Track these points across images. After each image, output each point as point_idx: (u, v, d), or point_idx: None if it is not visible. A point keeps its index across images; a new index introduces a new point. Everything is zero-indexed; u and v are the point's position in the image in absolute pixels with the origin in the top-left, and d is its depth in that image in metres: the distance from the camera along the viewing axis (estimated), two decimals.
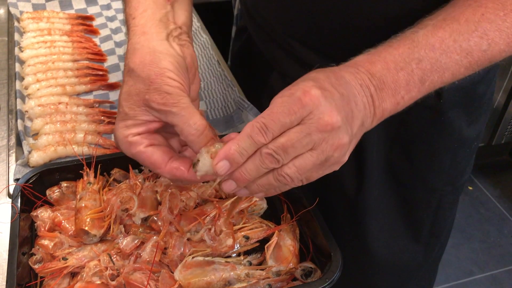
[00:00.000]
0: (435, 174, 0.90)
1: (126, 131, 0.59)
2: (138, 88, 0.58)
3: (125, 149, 0.60)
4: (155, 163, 0.58)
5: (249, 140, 0.52)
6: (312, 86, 0.52)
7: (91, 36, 1.20)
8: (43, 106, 0.94)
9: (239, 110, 0.99)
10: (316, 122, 0.51)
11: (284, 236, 0.71)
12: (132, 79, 0.59)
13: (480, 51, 0.58)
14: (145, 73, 0.58)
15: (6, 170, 0.84)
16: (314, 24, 0.78)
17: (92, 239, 0.69)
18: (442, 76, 0.59)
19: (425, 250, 0.99)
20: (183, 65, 0.61)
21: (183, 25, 0.68)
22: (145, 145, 0.59)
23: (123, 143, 0.60)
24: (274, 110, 0.51)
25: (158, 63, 0.59)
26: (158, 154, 0.59)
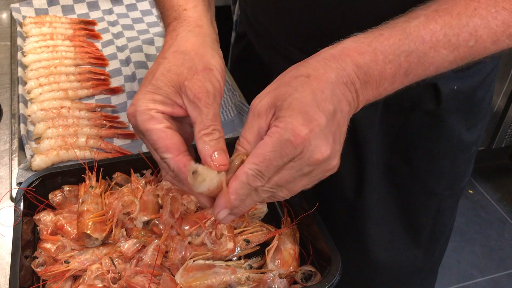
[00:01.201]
0: (434, 178, 0.90)
1: (152, 104, 0.56)
2: (181, 70, 0.57)
3: (141, 121, 0.56)
4: (169, 147, 0.55)
5: (247, 187, 0.52)
6: (300, 124, 0.50)
7: (93, 41, 1.21)
8: (46, 111, 0.95)
9: (239, 114, 1.00)
10: (307, 160, 0.51)
11: (285, 240, 0.71)
12: (178, 60, 0.57)
13: (466, 46, 0.58)
14: (194, 62, 0.57)
15: (9, 174, 0.85)
16: (312, 31, 0.79)
17: (94, 243, 0.69)
18: (426, 70, 0.58)
19: (425, 254, 1.00)
20: (224, 71, 0.61)
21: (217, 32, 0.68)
22: (164, 126, 0.56)
23: (143, 114, 0.56)
24: (266, 156, 0.51)
25: (210, 58, 0.58)
26: (175, 139, 0.56)
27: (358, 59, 0.55)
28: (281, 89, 0.53)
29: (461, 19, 0.57)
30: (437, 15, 0.57)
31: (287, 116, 0.51)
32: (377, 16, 0.71)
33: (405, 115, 0.83)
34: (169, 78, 0.57)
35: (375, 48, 0.56)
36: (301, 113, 0.51)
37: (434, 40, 0.57)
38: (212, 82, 0.57)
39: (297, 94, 0.52)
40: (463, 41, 0.57)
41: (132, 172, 0.78)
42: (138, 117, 0.56)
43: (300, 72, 0.55)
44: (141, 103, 0.56)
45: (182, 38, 0.60)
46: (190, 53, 0.58)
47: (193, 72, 0.56)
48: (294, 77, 0.54)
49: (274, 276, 0.65)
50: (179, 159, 0.55)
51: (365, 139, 0.84)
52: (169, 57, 0.58)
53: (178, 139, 0.56)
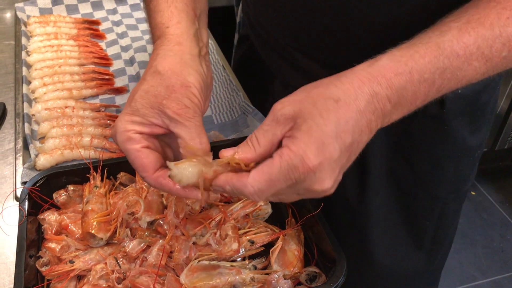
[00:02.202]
0: (438, 182, 0.90)
1: (130, 126, 0.58)
2: (158, 91, 0.58)
3: (120, 141, 0.58)
4: (145, 166, 0.57)
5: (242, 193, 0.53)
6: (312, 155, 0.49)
7: (97, 41, 1.21)
8: (50, 110, 0.95)
9: (244, 115, 1.00)
10: (307, 186, 0.51)
11: (289, 241, 0.71)
12: (155, 81, 0.59)
13: (499, 57, 0.57)
14: (171, 81, 0.58)
15: (13, 173, 0.85)
16: (314, 34, 0.78)
17: (98, 243, 0.69)
18: (458, 83, 0.57)
19: (427, 258, 0.99)
20: (206, 86, 0.62)
21: (206, 44, 0.68)
22: (142, 146, 0.58)
23: (122, 135, 0.58)
24: (272, 177, 0.51)
25: (186, 76, 0.59)
26: (151, 158, 0.58)
27: (394, 81, 0.53)
28: (306, 105, 0.52)
29: (494, 30, 0.56)
30: (470, 27, 0.56)
31: (302, 141, 0.50)
32: (380, 20, 0.71)
33: (409, 118, 0.82)
34: (146, 99, 0.58)
35: (412, 67, 0.54)
36: (316, 143, 0.50)
37: (467, 53, 0.55)
38: (190, 98, 0.58)
39: (320, 121, 0.50)
40: (496, 52, 0.56)
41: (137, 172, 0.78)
42: (117, 138, 0.59)
43: (330, 93, 0.52)
44: (120, 124, 0.58)
45: (160, 57, 0.61)
46: (167, 72, 0.59)
47: (170, 91, 0.58)
48: (323, 98, 0.52)
49: (278, 277, 0.65)
50: (156, 176, 0.58)
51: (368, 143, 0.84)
52: (148, 78, 0.60)
53: (154, 157, 0.58)
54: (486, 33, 0.56)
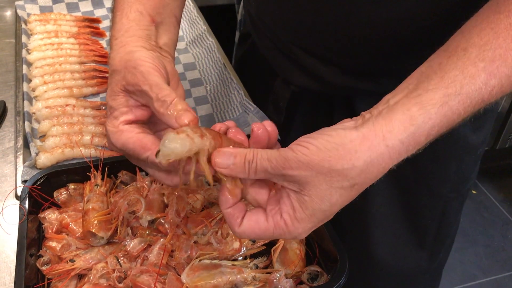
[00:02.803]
0: (440, 180, 0.90)
1: (115, 122, 0.58)
2: (116, 80, 0.59)
3: (115, 140, 0.58)
4: (146, 145, 0.56)
5: None
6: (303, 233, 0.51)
7: (97, 39, 1.21)
8: (50, 108, 0.94)
9: (245, 113, 0.99)
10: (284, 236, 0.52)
11: (291, 240, 0.71)
12: (111, 77, 0.60)
13: None
14: (122, 66, 0.59)
15: (14, 171, 0.84)
16: (318, 32, 0.78)
17: (99, 241, 0.69)
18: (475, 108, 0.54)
19: (429, 256, 0.99)
20: (160, 58, 0.61)
21: (164, 45, 0.67)
22: (135, 132, 0.57)
23: (113, 133, 0.58)
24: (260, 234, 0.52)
25: (133, 55, 0.59)
26: (149, 137, 0.57)
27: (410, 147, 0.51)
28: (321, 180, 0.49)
29: None
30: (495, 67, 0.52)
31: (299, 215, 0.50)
32: (384, 17, 0.71)
33: None
34: (112, 94, 0.59)
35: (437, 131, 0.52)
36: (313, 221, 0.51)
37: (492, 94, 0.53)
38: (142, 65, 0.57)
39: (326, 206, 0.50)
40: None
41: (138, 170, 0.78)
42: (111, 139, 0.58)
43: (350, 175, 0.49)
44: (108, 127, 0.59)
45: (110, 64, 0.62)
46: (117, 66, 0.60)
47: (123, 73, 0.58)
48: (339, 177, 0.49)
49: (280, 276, 0.65)
50: None
51: None
52: (108, 82, 0.61)
53: (151, 137, 0.57)
54: (509, 72, 0.53)
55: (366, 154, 0.49)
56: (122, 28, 0.64)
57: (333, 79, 0.82)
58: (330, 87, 0.84)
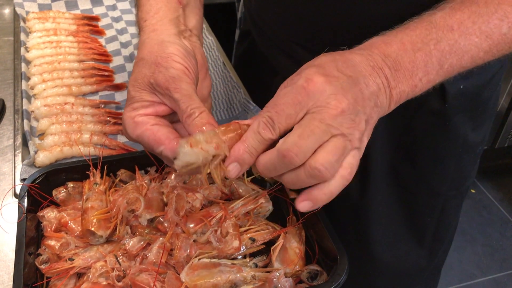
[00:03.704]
0: (439, 178, 0.90)
1: (133, 113, 0.59)
2: (143, 73, 0.59)
3: (131, 131, 0.59)
4: (159, 139, 0.57)
5: (256, 136, 0.51)
6: (315, 72, 0.50)
7: (96, 37, 1.21)
8: (49, 106, 0.94)
9: (244, 111, 0.99)
10: (325, 108, 0.49)
11: (290, 239, 0.71)
12: (139, 67, 0.60)
13: (500, 34, 0.56)
14: (152, 59, 0.59)
15: (13, 170, 0.84)
16: (317, 30, 0.78)
17: (98, 240, 0.69)
18: (461, 60, 0.57)
19: (428, 255, 0.99)
20: (191, 53, 0.61)
21: (193, 28, 0.68)
22: (151, 124, 0.58)
23: (130, 124, 0.59)
24: (278, 102, 0.50)
25: (165, 49, 0.59)
26: (163, 131, 0.57)
27: (385, 49, 0.54)
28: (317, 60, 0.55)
29: (488, 7, 0.56)
30: (463, 6, 0.56)
31: (303, 69, 0.52)
32: (383, 15, 0.71)
33: (411, 114, 0.83)
34: (137, 85, 0.59)
35: (402, 38, 0.55)
36: (317, 67, 0.51)
37: (462, 28, 0.55)
38: (173, 67, 0.58)
39: (318, 60, 0.53)
40: (495, 27, 0.56)
41: (137, 169, 0.78)
42: (127, 129, 0.59)
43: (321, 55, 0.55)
44: (125, 117, 0.60)
45: (139, 47, 0.62)
46: (147, 55, 0.60)
47: (153, 67, 0.58)
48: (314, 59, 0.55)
49: (279, 275, 0.65)
50: (172, 145, 0.56)
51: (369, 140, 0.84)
52: (133, 69, 0.61)
53: (166, 130, 0.58)
54: (480, 10, 0.56)
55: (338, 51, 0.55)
56: (151, 9, 0.65)
57: None
58: None
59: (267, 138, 0.51)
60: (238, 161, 0.52)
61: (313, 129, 0.49)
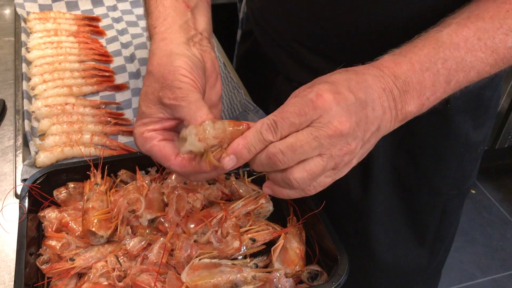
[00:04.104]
0: (441, 178, 0.90)
1: (143, 128, 0.62)
2: (153, 87, 0.61)
3: (141, 145, 0.63)
4: (166, 155, 0.60)
5: (258, 135, 0.53)
6: (326, 90, 0.52)
7: (97, 37, 1.21)
8: (50, 107, 0.94)
9: (245, 112, 0.99)
10: (325, 126, 0.52)
11: (291, 239, 0.71)
12: (149, 80, 0.62)
13: (505, 48, 0.58)
14: (160, 73, 0.61)
15: (13, 170, 0.84)
16: (320, 29, 0.78)
17: (99, 240, 0.69)
18: (467, 75, 0.58)
19: (429, 254, 0.99)
20: (198, 65, 0.63)
21: (203, 31, 0.69)
22: (158, 140, 0.61)
23: (140, 139, 0.62)
24: (285, 109, 0.53)
25: (172, 62, 0.61)
26: (169, 147, 0.61)
27: (395, 70, 0.56)
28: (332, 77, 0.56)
29: (494, 22, 0.57)
30: (469, 21, 0.57)
31: (317, 83, 0.54)
32: (387, 14, 0.71)
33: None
34: (147, 100, 0.62)
35: (411, 58, 0.56)
36: (330, 84, 0.53)
37: (468, 45, 0.57)
38: (180, 80, 0.60)
39: (333, 76, 0.55)
40: (500, 42, 0.57)
41: (138, 169, 0.78)
42: (137, 143, 0.63)
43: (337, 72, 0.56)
44: (136, 130, 0.63)
45: (149, 58, 0.64)
46: (156, 68, 0.62)
47: (161, 82, 0.60)
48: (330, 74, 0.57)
49: (280, 275, 0.65)
50: (177, 160, 0.60)
51: None
52: (144, 81, 0.63)
53: (171, 146, 0.62)
54: (486, 26, 0.57)
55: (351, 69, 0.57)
56: (160, 16, 0.67)
57: None
58: None
59: (267, 139, 0.53)
60: (236, 154, 0.54)
61: (304, 144, 0.52)
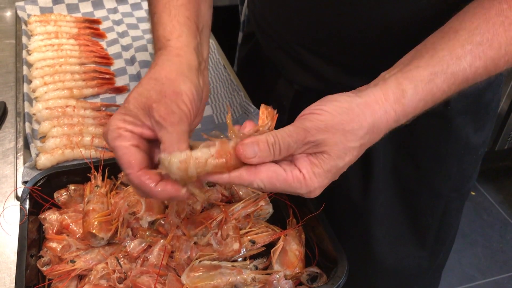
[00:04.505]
0: (441, 180, 0.90)
1: (121, 124, 0.58)
2: (150, 94, 0.59)
3: (111, 138, 0.58)
4: (131, 163, 0.57)
5: None
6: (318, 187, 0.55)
7: (98, 40, 1.21)
8: (51, 109, 0.95)
9: (245, 114, 1.00)
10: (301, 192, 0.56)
11: (290, 241, 0.71)
12: (149, 85, 0.60)
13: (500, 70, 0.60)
14: (163, 86, 0.59)
15: (14, 172, 0.85)
16: (321, 32, 0.78)
17: (99, 242, 0.69)
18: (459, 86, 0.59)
19: (430, 256, 1.00)
20: (199, 96, 0.62)
21: (206, 59, 0.69)
22: (131, 143, 0.58)
23: (113, 132, 0.58)
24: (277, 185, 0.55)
25: (180, 83, 0.60)
26: (138, 156, 0.57)
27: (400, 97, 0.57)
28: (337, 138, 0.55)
29: (501, 50, 0.58)
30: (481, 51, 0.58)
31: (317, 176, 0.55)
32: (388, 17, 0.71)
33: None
34: (139, 101, 0.59)
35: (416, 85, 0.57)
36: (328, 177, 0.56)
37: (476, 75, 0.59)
38: (178, 105, 0.59)
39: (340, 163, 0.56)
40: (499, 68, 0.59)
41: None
42: (108, 135, 0.58)
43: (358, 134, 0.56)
44: (113, 122, 0.59)
45: (158, 66, 0.62)
46: (162, 79, 0.60)
47: (161, 95, 0.59)
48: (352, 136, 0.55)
49: (279, 277, 0.65)
50: (140, 174, 0.57)
51: None
52: (142, 83, 0.61)
53: (141, 156, 0.58)
54: (495, 55, 0.58)
55: (369, 117, 0.56)
56: (174, 31, 0.66)
57: (337, 78, 0.82)
58: (334, 86, 0.84)
59: None
60: None
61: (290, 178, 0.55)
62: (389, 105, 0.56)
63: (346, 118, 0.55)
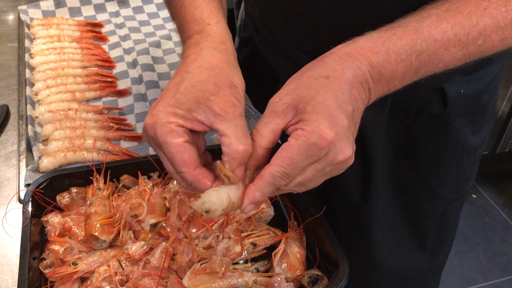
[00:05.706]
0: (440, 182, 0.90)
1: (173, 118, 0.55)
2: (206, 87, 0.57)
3: (161, 134, 0.55)
4: (186, 161, 0.55)
5: (272, 186, 0.55)
6: (327, 129, 0.52)
7: (100, 43, 1.22)
8: (53, 112, 0.95)
9: (246, 117, 1.00)
10: (331, 161, 0.54)
11: (291, 244, 0.71)
12: (203, 76, 0.58)
13: (475, 45, 0.59)
14: (219, 78, 0.58)
15: (17, 175, 0.85)
16: (321, 36, 0.79)
17: (101, 245, 0.70)
18: (435, 67, 0.60)
19: (429, 258, 1.00)
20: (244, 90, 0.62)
21: None
22: (184, 140, 0.56)
23: (164, 127, 0.55)
24: (293, 159, 0.52)
25: (234, 76, 0.60)
26: (193, 154, 0.56)
27: (372, 59, 0.57)
28: (302, 90, 0.55)
29: (471, 19, 0.58)
30: (449, 15, 0.58)
31: (313, 120, 0.52)
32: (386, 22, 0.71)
33: (412, 118, 0.84)
34: (193, 93, 0.56)
35: (388, 48, 0.57)
36: (326, 117, 0.52)
37: (445, 39, 0.58)
38: (237, 98, 0.58)
39: (320, 97, 0.54)
40: (472, 39, 0.59)
41: (140, 174, 0.79)
42: (157, 129, 0.55)
43: (318, 72, 0.56)
44: (162, 115, 0.55)
45: (206, 53, 0.60)
46: (216, 69, 0.59)
47: (218, 88, 0.57)
48: (313, 78, 0.56)
49: (281, 279, 0.65)
50: (196, 173, 0.56)
51: (371, 143, 0.84)
52: (193, 72, 0.59)
53: (195, 153, 0.57)
54: (464, 21, 0.58)
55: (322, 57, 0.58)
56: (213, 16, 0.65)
57: None
58: None
59: (281, 185, 0.55)
60: (253, 203, 0.57)
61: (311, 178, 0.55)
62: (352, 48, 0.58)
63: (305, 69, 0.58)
